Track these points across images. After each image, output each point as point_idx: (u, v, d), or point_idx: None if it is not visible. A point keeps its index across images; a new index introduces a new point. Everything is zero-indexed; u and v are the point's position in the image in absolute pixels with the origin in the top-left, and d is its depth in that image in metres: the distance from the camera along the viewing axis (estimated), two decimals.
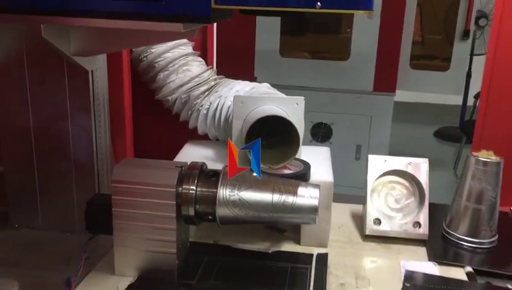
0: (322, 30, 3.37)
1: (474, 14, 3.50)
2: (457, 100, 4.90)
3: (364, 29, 2.99)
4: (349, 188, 1.96)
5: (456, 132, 4.82)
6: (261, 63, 3.04)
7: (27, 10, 0.93)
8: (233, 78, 1.53)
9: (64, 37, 1.04)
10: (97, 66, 1.23)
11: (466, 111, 4.72)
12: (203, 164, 1.11)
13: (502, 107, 1.48)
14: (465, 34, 3.23)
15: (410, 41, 3.17)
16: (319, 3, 0.85)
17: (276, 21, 3.06)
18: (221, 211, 1.05)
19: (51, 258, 1.20)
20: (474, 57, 4.07)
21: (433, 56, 3.65)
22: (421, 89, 3.40)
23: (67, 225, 1.30)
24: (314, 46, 3.34)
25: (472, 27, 3.50)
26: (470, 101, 4.40)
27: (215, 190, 1.05)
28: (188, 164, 1.11)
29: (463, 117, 4.88)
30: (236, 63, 1.74)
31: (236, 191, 1.04)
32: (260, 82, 1.46)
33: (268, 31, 3.05)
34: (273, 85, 1.44)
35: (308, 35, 3.39)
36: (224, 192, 1.05)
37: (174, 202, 1.05)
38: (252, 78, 1.57)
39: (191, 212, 1.07)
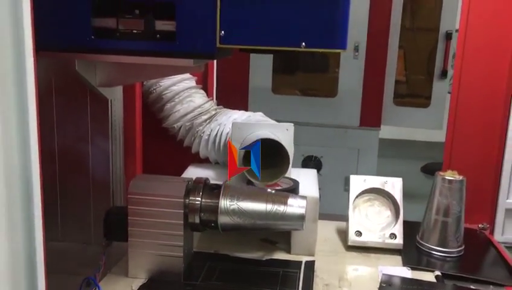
0: (312, 69, 3.53)
1: (454, 56, 3.70)
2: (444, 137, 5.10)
3: (351, 69, 3.17)
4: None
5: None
6: (254, 99, 3.17)
7: (64, 48, 1.12)
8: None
9: (92, 70, 1.21)
10: (115, 96, 1.39)
11: None
12: (207, 179, 1.28)
13: (465, 136, 1.68)
14: (443, 73, 3.43)
15: (393, 80, 3.33)
16: (303, 44, 1.04)
17: (269, 61, 3.22)
18: (223, 219, 1.22)
19: (72, 264, 1.34)
20: None
21: (416, 95, 3.83)
22: (404, 124, 3.54)
23: (85, 237, 1.44)
24: (304, 84, 3.48)
25: (452, 67, 3.70)
26: None
27: (217, 201, 1.22)
28: (194, 179, 1.28)
29: None
30: (232, 99, 1.93)
31: (235, 201, 1.21)
32: None
33: (261, 70, 3.22)
34: None
35: (298, 74, 3.53)
36: (225, 202, 1.22)
37: (182, 211, 1.21)
38: None
39: (197, 220, 1.23)
